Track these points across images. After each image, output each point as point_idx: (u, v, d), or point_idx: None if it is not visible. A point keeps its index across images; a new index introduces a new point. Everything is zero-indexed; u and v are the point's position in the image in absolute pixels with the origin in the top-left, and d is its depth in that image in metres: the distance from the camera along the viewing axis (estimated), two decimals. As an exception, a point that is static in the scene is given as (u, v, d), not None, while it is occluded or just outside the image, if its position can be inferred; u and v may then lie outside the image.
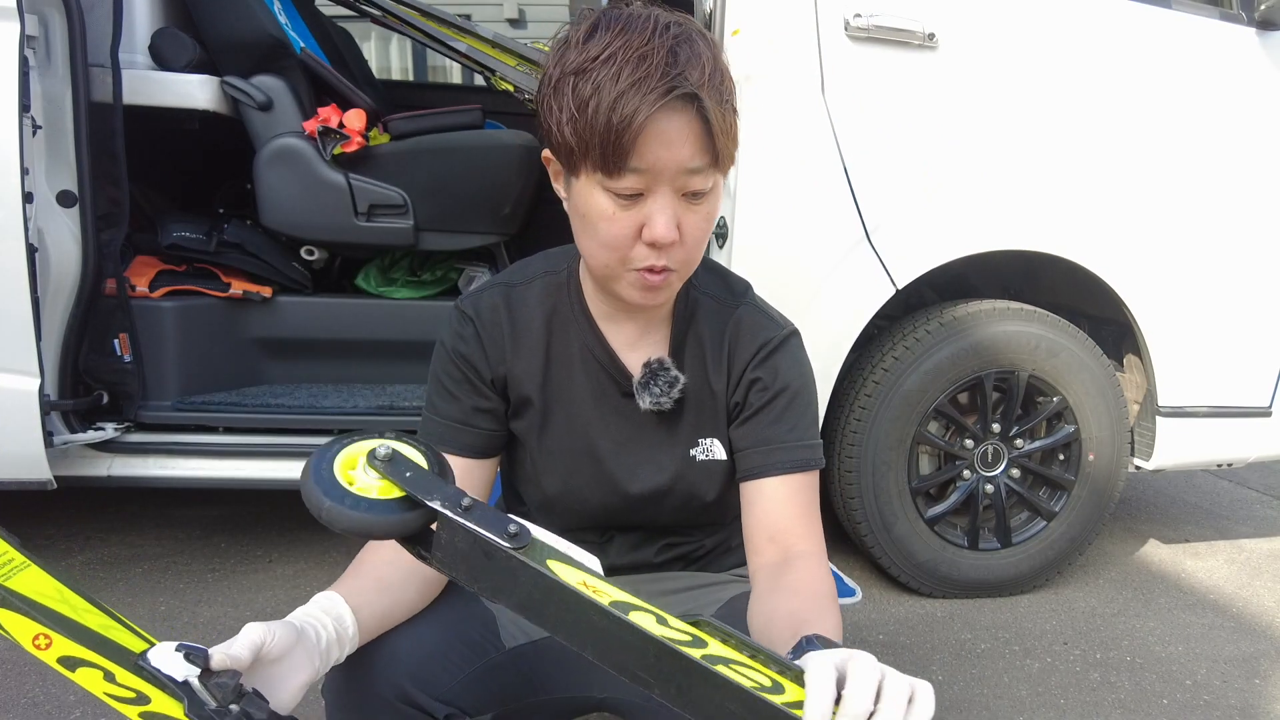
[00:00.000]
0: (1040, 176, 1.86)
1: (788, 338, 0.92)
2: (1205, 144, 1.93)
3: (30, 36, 1.63)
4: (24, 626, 0.57)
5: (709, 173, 0.76)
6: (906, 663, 1.77)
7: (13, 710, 1.52)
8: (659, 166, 0.74)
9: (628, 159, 0.73)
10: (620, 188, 0.75)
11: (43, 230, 1.74)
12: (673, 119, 0.73)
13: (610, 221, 0.77)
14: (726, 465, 0.95)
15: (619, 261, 0.80)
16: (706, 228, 0.80)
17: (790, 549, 0.86)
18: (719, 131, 0.74)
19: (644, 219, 0.76)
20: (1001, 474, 2.03)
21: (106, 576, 2.03)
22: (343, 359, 2.21)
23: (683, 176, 0.75)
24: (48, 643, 0.57)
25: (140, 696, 0.59)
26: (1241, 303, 2.00)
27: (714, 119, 0.73)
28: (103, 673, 0.58)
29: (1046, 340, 1.93)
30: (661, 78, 0.71)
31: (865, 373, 1.93)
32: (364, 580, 0.80)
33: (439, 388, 0.93)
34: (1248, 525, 2.62)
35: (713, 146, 0.75)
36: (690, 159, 0.74)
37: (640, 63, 0.71)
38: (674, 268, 0.80)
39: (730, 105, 0.76)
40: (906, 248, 1.83)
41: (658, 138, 0.73)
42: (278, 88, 2.11)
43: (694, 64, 0.73)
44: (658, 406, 0.90)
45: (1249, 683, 1.73)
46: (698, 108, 0.73)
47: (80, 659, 0.58)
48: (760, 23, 1.72)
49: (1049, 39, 1.85)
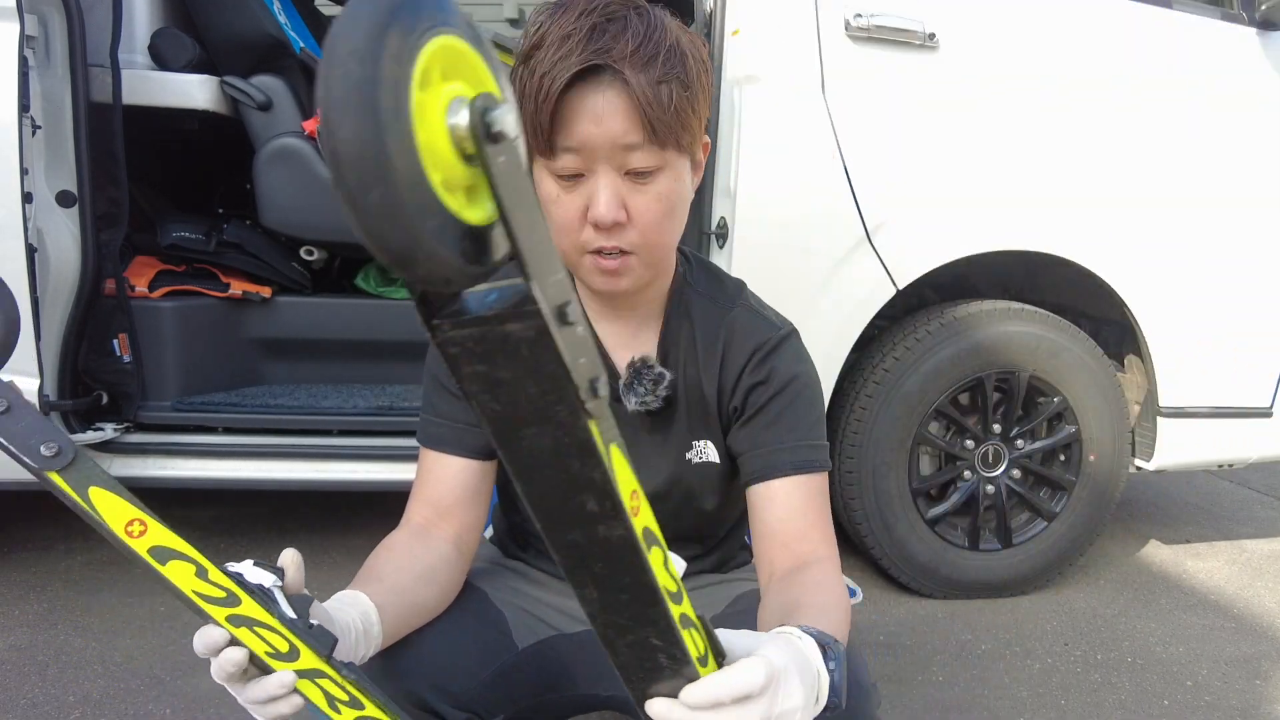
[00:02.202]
0: (1041, 177, 1.86)
1: (784, 338, 0.90)
2: (1206, 144, 1.92)
3: (30, 36, 1.63)
4: (118, 509, 0.54)
5: (649, 149, 0.74)
6: (907, 663, 1.77)
7: (13, 710, 1.52)
8: (590, 143, 0.73)
9: (557, 137, 0.73)
10: (559, 168, 0.75)
11: (42, 230, 1.73)
12: (598, 94, 0.72)
13: (556, 204, 0.76)
14: (722, 469, 0.93)
15: (573, 247, 0.78)
16: (660, 209, 0.77)
17: (804, 557, 0.83)
18: (647, 103, 0.72)
19: (587, 200, 0.75)
20: (1002, 475, 2.02)
21: (106, 577, 2.03)
22: (343, 359, 2.21)
23: (620, 154, 0.73)
24: (142, 529, 0.55)
25: (231, 597, 0.58)
26: (1242, 303, 1.99)
27: (639, 92, 0.71)
28: (195, 568, 0.56)
29: (1047, 341, 1.92)
30: (581, 52, 0.70)
31: (866, 373, 1.93)
32: (378, 584, 0.79)
33: (438, 389, 0.91)
34: (1249, 526, 2.62)
35: (646, 121, 0.72)
36: (622, 134, 0.72)
37: (564, 41, 0.71)
38: (629, 249, 0.78)
39: (676, 79, 0.73)
40: (907, 248, 1.83)
41: (584, 114, 0.72)
42: (277, 87, 2.11)
43: (619, 37, 0.71)
44: (644, 406, 0.88)
45: (1250, 684, 1.73)
46: (622, 81, 0.71)
47: (173, 550, 0.56)
48: (761, 23, 1.72)
49: (1049, 39, 1.85)
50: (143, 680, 1.62)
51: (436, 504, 0.89)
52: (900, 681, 1.70)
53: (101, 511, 0.54)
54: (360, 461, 1.92)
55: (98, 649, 1.72)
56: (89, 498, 0.53)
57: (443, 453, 0.89)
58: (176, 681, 1.62)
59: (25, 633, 1.77)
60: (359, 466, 1.91)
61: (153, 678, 1.63)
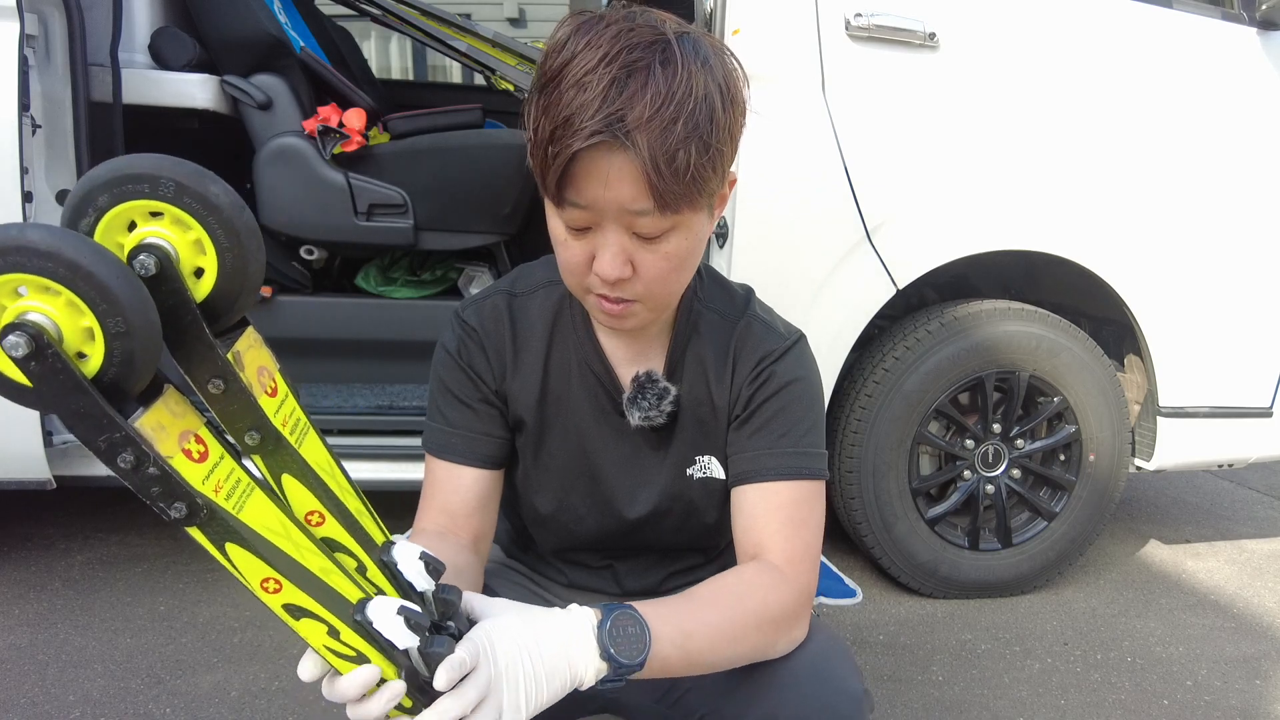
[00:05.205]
0: (1041, 176, 1.86)
1: (791, 346, 0.88)
2: (1206, 144, 1.92)
3: (30, 35, 1.63)
4: (255, 568, 0.55)
5: (657, 216, 0.70)
6: (907, 664, 1.77)
7: (13, 710, 1.52)
8: (598, 205, 0.70)
9: (565, 192, 0.70)
10: (567, 219, 0.73)
11: (42, 230, 1.73)
12: (608, 158, 0.68)
13: (564, 247, 0.76)
14: (725, 485, 0.91)
15: (578, 286, 0.78)
16: (667, 266, 0.75)
17: None
18: (657, 175, 0.67)
19: (594, 250, 0.74)
20: (1002, 474, 2.02)
21: (106, 576, 2.03)
22: (343, 359, 2.21)
23: (627, 216, 0.71)
24: (277, 587, 0.56)
25: (359, 656, 0.59)
26: (1243, 303, 1.99)
27: (650, 163, 0.66)
28: (326, 627, 0.58)
29: (1047, 340, 1.92)
30: (594, 114, 0.65)
31: (866, 373, 1.93)
32: None
33: (448, 397, 0.89)
34: (1249, 526, 2.61)
35: (655, 192, 0.68)
36: (630, 201, 0.69)
37: (579, 92, 0.66)
38: (634, 299, 0.77)
39: (696, 141, 0.68)
40: (907, 247, 1.83)
41: (593, 176, 0.69)
42: (277, 87, 2.11)
43: (639, 97, 0.66)
44: (648, 422, 0.87)
45: (1250, 684, 1.73)
46: (635, 148, 0.66)
47: (305, 609, 0.57)
48: (761, 22, 1.72)
49: (1050, 38, 1.85)
50: (143, 680, 1.62)
51: (452, 513, 0.88)
52: (900, 681, 1.70)
53: (240, 567, 0.55)
54: (361, 461, 1.92)
55: (98, 648, 1.72)
56: (227, 553, 0.54)
57: (455, 463, 0.89)
58: (176, 681, 1.62)
59: (25, 632, 1.77)
60: (359, 466, 1.91)
61: (153, 677, 1.63)
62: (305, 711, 1.54)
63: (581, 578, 1.02)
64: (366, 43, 7.69)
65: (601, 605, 0.70)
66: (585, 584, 1.02)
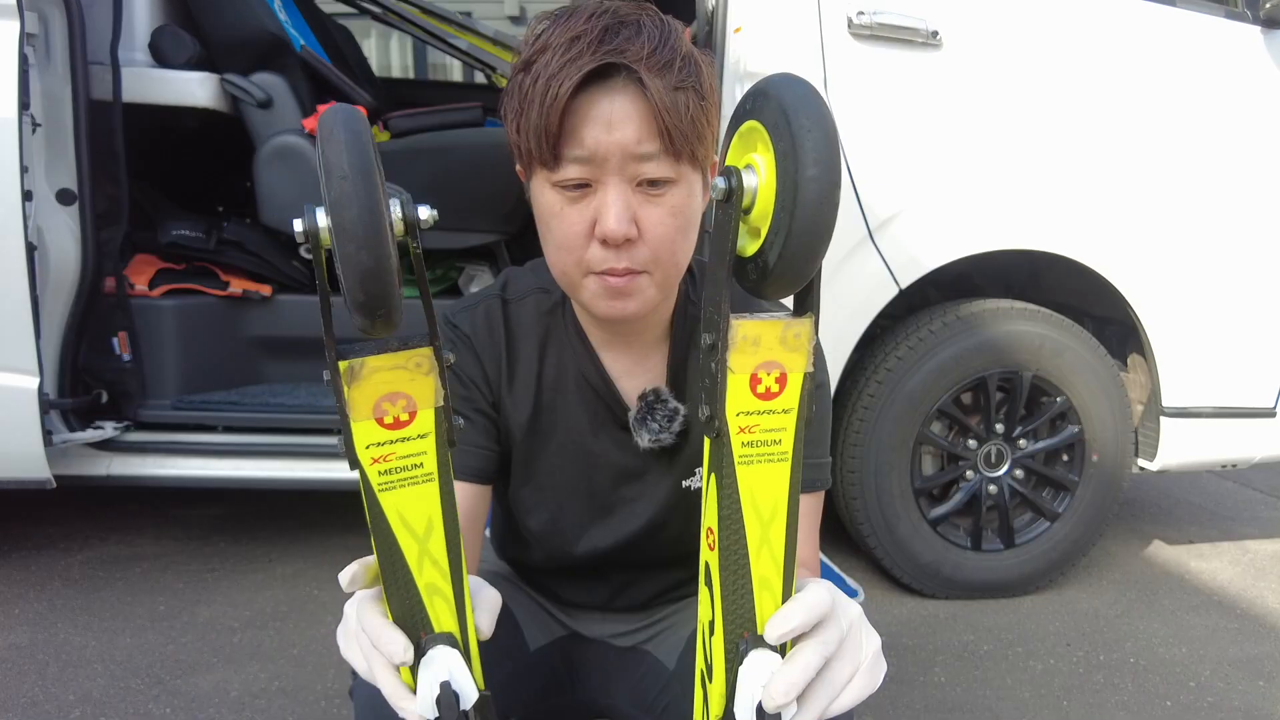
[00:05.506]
0: (1045, 176, 1.85)
1: None
2: (1210, 143, 1.91)
3: (30, 34, 1.63)
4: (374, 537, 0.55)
5: (664, 160, 0.69)
6: (909, 665, 1.76)
7: (13, 709, 1.51)
8: (601, 151, 0.67)
9: (564, 144, 0.68)
10: (564, 179, 0.69)
11: (42, 228, 1.73)
12: (612, 99, 0.67)
13: (560, 219, 0.71)
14: None
15: (576, 265, 0.72)
16: (674, 224, 0.71)
17: None
18: (664, 109, 0.66)
19: (595, 213, 0.70)
20: (1005, 475, 2.02)
21: (106, 576, 2.02)
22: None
23: (632, 164, 0.68)
24: None
25: None
26: (1246, 303, 1.98)
27: (656, 96, 0.66)
28: None
29: (1050, 340, 1.92)
30: (592, 53, 0.66)
31: (868, 373, 1.92)
32: None
33: None
34: (1252, 526, 2.61)
35: (664, 129, 0.67)
36: (636, 142, 0.67)
37: (572, 44, 0.66)
38: (639, 268, 0.72)
39: (692, 88, 0.68)
40: (910, 247, 1.82)
41: (595, 120, 0.67)
42: (277, 85, 2.11)
43: (633, 40, 0.67)
44: (658, 443, 0.82)
45: (1253, 684, 1.72)
46: (637, 84, 0.66)
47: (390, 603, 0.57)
48: (763, 20, 1.71)
49: (1053, 37, 1.84)
50: (143, 680, 1.62)
51: None
52: (902, 682, 1.70)
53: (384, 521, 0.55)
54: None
55: (98, 648, 1.72)
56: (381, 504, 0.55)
57: None
58: (176, 681, 1.62)
59: (25, 632, 1.77)
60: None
61: (153, 677, 1.62)
62: (305, 711, 1.54)
63: (571, 593, 0.98)
64: (367, 41, 7.68)
65: None
66: (574, 599, 0.99)
